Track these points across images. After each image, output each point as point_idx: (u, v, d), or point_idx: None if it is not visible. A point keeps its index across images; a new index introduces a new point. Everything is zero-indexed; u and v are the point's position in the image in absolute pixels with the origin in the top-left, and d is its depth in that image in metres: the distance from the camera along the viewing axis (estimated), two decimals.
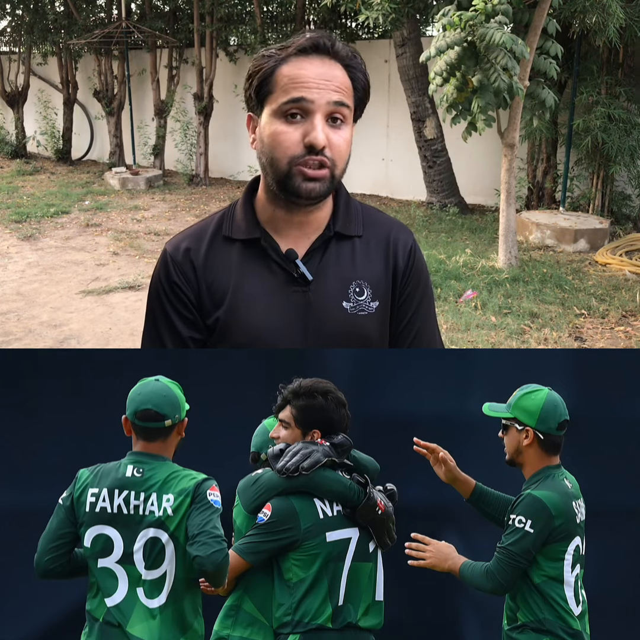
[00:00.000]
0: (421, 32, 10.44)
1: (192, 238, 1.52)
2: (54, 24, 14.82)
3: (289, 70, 1.38)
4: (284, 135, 1.37)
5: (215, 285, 1.48)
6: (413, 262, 1.56)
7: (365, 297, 1.50)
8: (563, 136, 9.27)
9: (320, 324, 1.47)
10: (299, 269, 1.46)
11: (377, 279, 1.51)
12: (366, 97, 1.46)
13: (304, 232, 1.49)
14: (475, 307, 6.34)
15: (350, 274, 1.50)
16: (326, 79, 1.37)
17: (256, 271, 1.48)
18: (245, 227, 1.50)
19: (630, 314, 6.22)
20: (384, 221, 1.59)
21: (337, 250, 1.51)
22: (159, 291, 1.52)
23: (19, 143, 15.82)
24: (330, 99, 1.36)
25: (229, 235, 1.50)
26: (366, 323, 1.49)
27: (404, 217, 9.90)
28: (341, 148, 1.39)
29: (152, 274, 1.55)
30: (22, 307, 6.75)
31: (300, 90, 1.36)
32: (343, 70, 1.41)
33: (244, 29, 13.17)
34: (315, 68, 1.38)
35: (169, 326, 1.51)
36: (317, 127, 1.35)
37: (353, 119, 1.45)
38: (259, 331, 1.46)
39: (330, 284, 1.48)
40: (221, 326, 1.48)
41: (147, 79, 14.01)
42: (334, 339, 1.48)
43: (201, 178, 12.86)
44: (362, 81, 1.43)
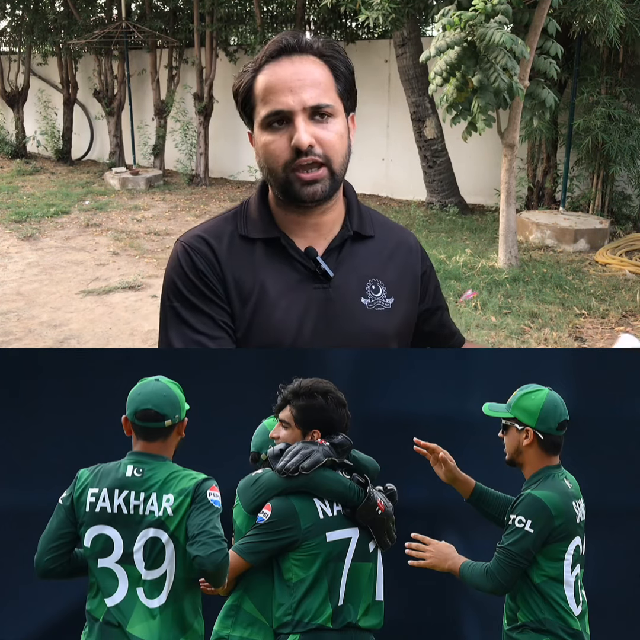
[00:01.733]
0: (421, 32, 10.44)
1: (210, 234, 1.49)
2: (54, 24, 14.82)
3: (263, 80, 1.39)
4: (273, 144, 1.38)
5: (241, 281, 1.46)
6: (426, 261, 1.65)
7: (380, 293, 1.53)
8: (563, 136, 9.27)
9: (341, 320, 1.49)
10: (320, 266, 1.47)
11: (389, 277, 1.55)
12: (352, 84, 1.45)
13: (319, 234, 1.51)
14: (475, 307, 6.34)
15: (366, 271, 1.53)
16: (299, 78, 1.37)
17: (278, 269, 1.49)
18: (263, 226, 1.50)
19: (630, 314, 6.22)
20: (388, 223, 1.65)
21: (353, 249, 1.53)
22: (184, 282, 1.44)
23: (19, 143, 15.82)
24: (306, 99, 1.36)
25: (246, 235, 1.50)
26: (383, 319, 1.53)
27: (404, 217, 9.90)
28: (332, 142, 1.39)
29: (166, 275, 1.49)
30: (22, 307, 6.75)
31: (276, 102, 1.37)
32: (319, 63, 1.40)
33: (244, 29, 13.18)
34: (285, 71, 1.38)
35: (199, 314, 1.43)
36: (298, 129, 1.35)
37: (347, 107, 1.44)
38: (283, 329, 1.47)
39: (348, 281, 1.51)
40: (247, 324, 1.47)
41: (147, 79, 14.02)
42: (354, 335, 1.51)
43: (201, 178, 12.86)
44: (342, 68, 1.42)
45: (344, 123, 1.43)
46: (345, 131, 1.43)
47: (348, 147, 1.44)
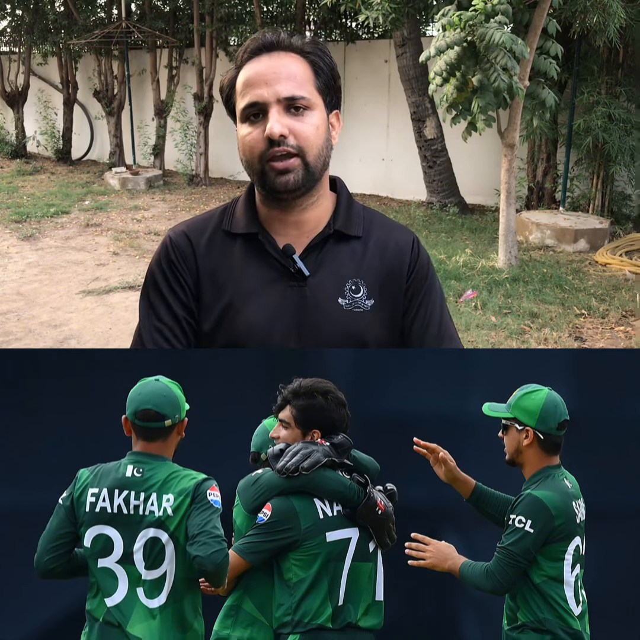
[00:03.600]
0: (421, 32, 10.44)
1: (195, 227, 1.55)
2: (54, 24, 14.82)
3: (242, 75, 1.44)
4: (249, 136, 1.42)
5: (216, 275, 1.50)
6: (416, 259, 1.56)
7: (361, 294, 1.50)
8: (563, 136, 9.27)
9: (315, 319, 1.48)
10: (296, 264, 1.47)
11: (373, 278, 1.52)
12: (334, 80, 1.47)
13: (301, 232, 1.50)
14: (475, 307, 6.34)
15: (348, 271, 1.51)
16: (274, 71, 1.40)
17: (255, 265, 1.50)
18: (244, 222, 1.52)
19: (630, 314, 6.22)
20: (385, 224, 1.60)
21: (335, 249, 1.52)
22: (155, 271, 1.53)
23: (19, 143, 15.82)
24: (280, 91, 1.39)
25: (228, 229, 1.52)
26: (360, 320, 1.49)
27: (404, 217, 9.90)
28: (307, 134, 1.40)
29: (150, 262, 1.57)
30: (22, 307, 6.75)
31: (252, 94, 1.40)
32: (298, 58, 1.43)
33: (244, 29, 13.17)
34: (262, 65, 1.41)
35: (165, 305, 1.51)
36: (272, 118, 1.38)
37: (328, 104, 1.46)
38: (254, 324, 1.47)
39: (326, 280, 1.49)
40: (218, 316, 1.49)
41: (147, 79, 14.02)
42: (328, 334, 1.49)
43: (201, 178, 12.86)
44: (322, 65, 1.45)
45: (321, 116, 1.44)
46: (323, 124, 1.44)
47: (326, 140, 1.45)
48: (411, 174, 11.02)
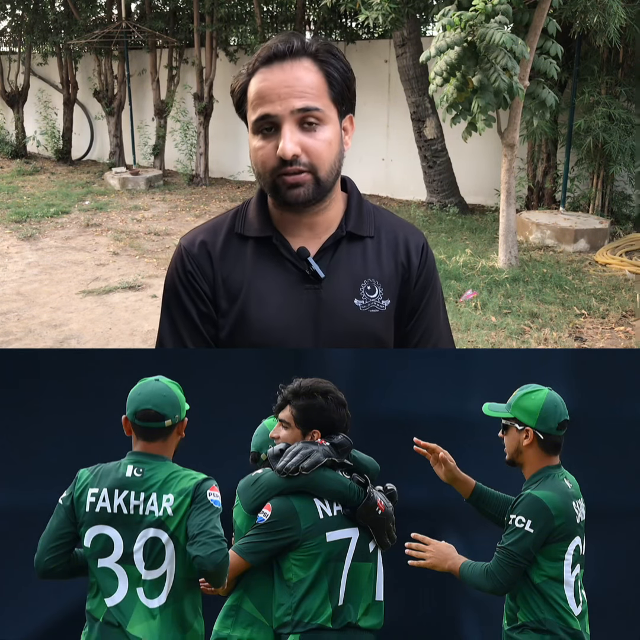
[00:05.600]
0: (421, 32, 10.44)
1: (208, 232, 1.54)
2: (54, 24, 14.82)
3: (254, 84, 1.40)
4: (261, 150, 1.40)
5: (230, 279, 1.50)
6: (425, 262, 1.57)
7: (376, 295, 1.50)
8: (563, 136, 9.26)
9: (332, 322, 1.48)
10: (311, 267, 1.47)
11: (388, 278, 1.52)
12: (349, 87, 1.44)
13: (314, 233, 1.50)
14: (475, 307, 6.34)
15: (362, 272, 1.51)
16: (287, 85, 1.36)
17: (269, 269, 1.49)
18: (258, 225, 1.51)
19: (630, 314, 6.22)
20: (396, 222, 1.60)
21: (349, 250, 1.52)
22: (175, 283, 1.52)
23: (19, 143, 15.82)
24: (293, 107, 1.36)
25: (242, 233, 1.52)
26: (377, 321, 1.50)
27: (404, 217, 9.87)
28: (319, 151, 1.38)
29: (167, 271, 1.57)
30: (22, 307, 6.75)
31: (264, 107, 1.37)
32: (311, 68, 1.39)
33: (244, 29, 13.17)
34: (276, 77, 1.38)
35: (186, 318, 1.51)
36: (284, 138, 1.36)
37: (342, 112, 1.44)
38: (270, 328, 1.47)
39: (341, 282, 1.49)
40: (234, 321, 1.49)
41: (147, 79, 14.02)
42: (345, 336, 1.49)
43: (201, 178, 12.86)
44: (337, 73, 1.41)
45: (334, 130, 1.42)
46: (336, 138, 1.42)
47: (338, 153, 1.43)
48: (411, 174, 11.02)
